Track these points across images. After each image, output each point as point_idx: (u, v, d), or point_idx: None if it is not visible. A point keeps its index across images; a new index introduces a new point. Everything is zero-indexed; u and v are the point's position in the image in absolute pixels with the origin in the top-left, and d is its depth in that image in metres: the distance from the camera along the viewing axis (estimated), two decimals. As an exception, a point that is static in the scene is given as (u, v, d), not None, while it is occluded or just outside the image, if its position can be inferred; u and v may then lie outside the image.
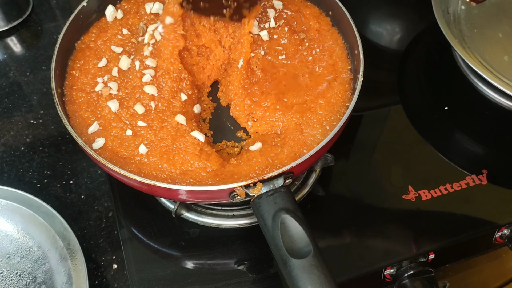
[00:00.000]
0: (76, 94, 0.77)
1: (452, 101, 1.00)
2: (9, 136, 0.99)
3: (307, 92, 0.78)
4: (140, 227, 0.83)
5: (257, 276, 0.78)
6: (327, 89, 0.78)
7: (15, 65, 1.10)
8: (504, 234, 0.85)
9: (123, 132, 0.73)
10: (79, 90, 0.77)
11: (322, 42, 0.84)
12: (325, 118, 0.75)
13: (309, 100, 0.77)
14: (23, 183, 0.92)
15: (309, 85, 0.79)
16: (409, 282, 0.79)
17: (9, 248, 0.82)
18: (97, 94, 0.77)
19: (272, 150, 0.73)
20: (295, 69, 0.81)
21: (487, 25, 1.06)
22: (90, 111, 0.75)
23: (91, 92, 0.77)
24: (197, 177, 0.70)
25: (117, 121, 0.74)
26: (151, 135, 0.73)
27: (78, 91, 0.77)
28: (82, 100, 0.76)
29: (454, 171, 0.90)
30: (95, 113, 0.75)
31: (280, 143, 0.74)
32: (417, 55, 1.10)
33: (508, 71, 0.97)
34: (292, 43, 0.83)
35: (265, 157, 0.71)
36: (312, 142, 0.73)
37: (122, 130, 0.73)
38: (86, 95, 0.77)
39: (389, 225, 0.83)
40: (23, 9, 1.18)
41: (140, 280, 0.77)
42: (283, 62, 0.81)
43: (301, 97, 0.78)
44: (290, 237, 0.60)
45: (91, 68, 0.80)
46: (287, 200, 0.63)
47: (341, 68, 0.81)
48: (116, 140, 0.72)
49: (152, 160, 0.71)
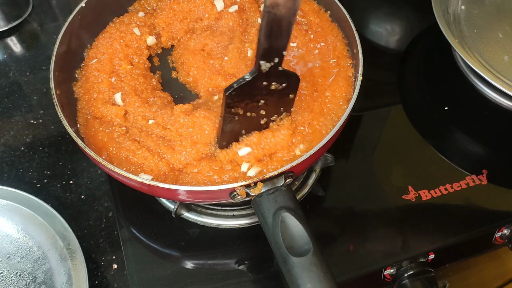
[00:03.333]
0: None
1: (452, 101, 1.00)
2: (9, 136, 0.99)
3: (317, 82, 0.78)
4: (140, 227, 0.83)
5: (257, 276, 0.78)
6: (333, 82, 0.78)
7: (15, 65, 1.10)
8: (504, 234, 0.85)
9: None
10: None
11: (324, 37, 0.84)
12: (332, 111, 0.76)
13: (318, 90, 0.78)
14: (23, 183, 0.92)
15: (319, 75, 0.79)
16: (409, 282, 0.79)
17: (9, 248, 0.82)
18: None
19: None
20: (306, 59, 0.81)
21: (487, 25, 1.06)
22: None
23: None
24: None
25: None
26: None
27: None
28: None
29: (454, 171, 0.90)
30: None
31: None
32: (417, 55, 1.10)
33: (508, 71, 0.97)
34: (299, 33, 0.84)
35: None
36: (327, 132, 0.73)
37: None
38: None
39: (389, 225, 0.83)
40: (23, 9, 1.18)
41: (140, 280, 0.77)
42: (295, 49, 0.82)
43: (310, 88, 0.78)
44: (290, 235, 0.60)
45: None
46: (288, 198, 0.63)
47: (344, 63, 0.81)
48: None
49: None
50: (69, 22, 0.81)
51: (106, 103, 0.78)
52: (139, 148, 0.73)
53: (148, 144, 0.73)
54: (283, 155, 0.71)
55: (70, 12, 0.83)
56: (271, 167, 0.70)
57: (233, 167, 0.71)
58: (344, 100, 0.77)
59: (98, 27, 0.87)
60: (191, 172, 0.71)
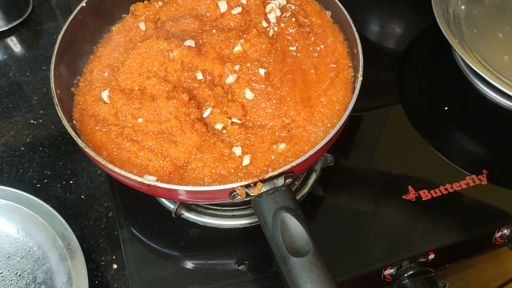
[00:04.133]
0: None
1: (452, 101, 1.00)
2: (9, 136, 0.99)
3: (312, 88, 0.78)
4: (140, 227, 0.83)
5: (257, 276, 0.78)
6: (329, 87, 0.78)
7: (15, 65, 1.10)
8: (504, 234, 0.85)
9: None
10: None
11: (325, 39, 0.84)
12: (326, 116, 0.75)
13: (313, 96, 0.78)
14: (23, 183, 0.92)
15: (314, 81, 0.79)
16: (409, 282, 0.79)
17: (9, 248, 0.82)
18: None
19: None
20: (301, 63, 0.81)
21: (487, 25, 1.07)
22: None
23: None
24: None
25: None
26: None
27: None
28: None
29: (454, 171, 0.90)
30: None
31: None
32: (417, 55, 1.10)
33: (508, 71, 0.97)
34: (300, 36, 0.84)
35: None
36: (315, 140, 0.73)
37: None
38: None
39: (389, 225, 0.83)
40: (23, 9, 1.18)
41: (140, 280, 0.77)
42: (293, 54, 0.82)
43: (307, 92, 0.78)
44: (290, 235, 0.60)
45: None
46: (288, 199, 0.63)
47: (343, 65, 0.81)
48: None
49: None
50: (69, 22, 0.81)
51: (99, 100, 0.78)
52: (140, 149, 0.72)
53: (149, 143, 0.73)
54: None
55: (70, 12, 0.83)
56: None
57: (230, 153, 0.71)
58: (341, 104, 0.77)
59: (99, 27, 0.87)
60: (196, 167, 0.71)
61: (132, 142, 0.73)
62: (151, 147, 0.73)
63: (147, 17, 0.87)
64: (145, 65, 0.78)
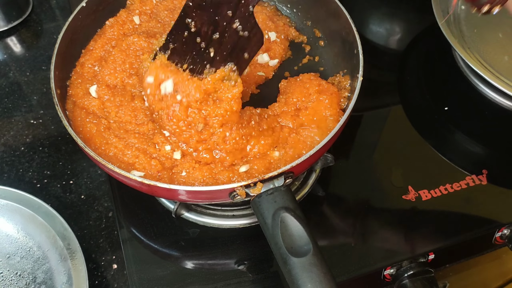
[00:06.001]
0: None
1: (452, 101, 1.00)
2: (9, 136, 0.99)
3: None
4: (140, 227, 0.83)
5: (257, 276, 0.78)
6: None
7: (15, 65, 1.10)
8: (504, 234, 0.85)
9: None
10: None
11: None
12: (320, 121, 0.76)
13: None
14: (23, 183, 0.92)
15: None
16: (409, 282, 0.79)
17: (9, 248, 0.82)
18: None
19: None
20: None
21: (487, 25, 1.06)
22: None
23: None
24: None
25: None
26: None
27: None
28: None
29: (454, 171, 0.90)
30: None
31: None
32: (417, 55, 1.10)
33: (508, 71, 0.97)
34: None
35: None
36: (312, 143, 0.73)
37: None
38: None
39: (389, 225, 0.83)
40: (23, 9, 1.18)
41: (140, 280, 0.77)
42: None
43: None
44: (290, 235, 0.60)
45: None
46: (287, 199, 0.63)
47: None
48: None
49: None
50: (69, 22, 0.81)
51: (89, 94, 0.79)
52: (126, 146, 0.73)
53: (133, 141, 0.74)
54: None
55: (70, 12, 0.83)
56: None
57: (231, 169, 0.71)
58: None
59: (99, 27, 0.87)
60: (182, 168, 0.71)
61: (119, 139, 0.73)
62: (135, 145, 0.73)
63: (142, 11, 0.87)
64: (128, 60, 0.79)
